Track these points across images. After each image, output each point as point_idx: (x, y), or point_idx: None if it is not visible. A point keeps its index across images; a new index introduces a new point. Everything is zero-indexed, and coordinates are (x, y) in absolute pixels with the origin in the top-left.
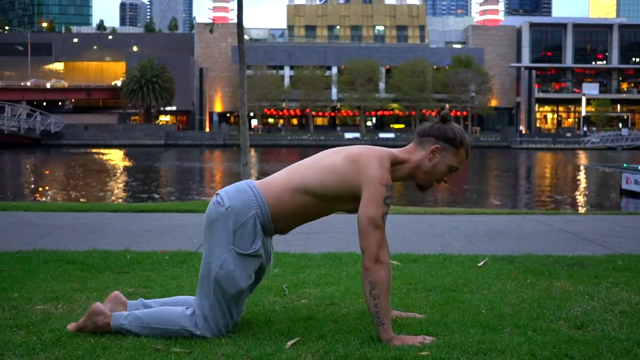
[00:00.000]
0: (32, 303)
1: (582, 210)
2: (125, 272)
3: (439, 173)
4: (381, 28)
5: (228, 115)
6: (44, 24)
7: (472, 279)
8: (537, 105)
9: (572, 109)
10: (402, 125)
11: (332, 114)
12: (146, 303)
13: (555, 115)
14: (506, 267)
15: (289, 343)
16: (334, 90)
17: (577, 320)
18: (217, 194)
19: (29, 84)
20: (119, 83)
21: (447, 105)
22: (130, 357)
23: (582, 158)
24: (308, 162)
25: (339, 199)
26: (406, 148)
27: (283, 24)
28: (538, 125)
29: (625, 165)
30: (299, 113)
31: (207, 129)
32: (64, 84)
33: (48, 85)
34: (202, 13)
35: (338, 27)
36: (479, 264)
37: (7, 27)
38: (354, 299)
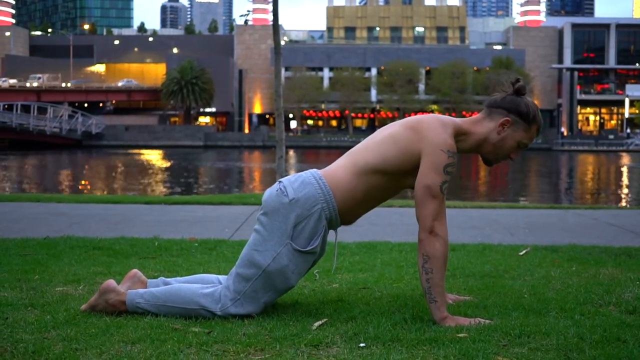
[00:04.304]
0: (52, 285)
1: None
2: (152, 258)
3: (507, 148)
4: (421, 29)
5: (267, 116)
6: (86, 27)
7: (514, 266)
8: (579, 107)
9: (615, 110)
10: None
11: (372, 115)
12: (167, 281)
13: (598, 117)
14: (549, 256)
15: (316, 324)
16: (374, 92)
17: (629, 305)
18: (279, 181)
19: (70, 85)
20: (134, 82)
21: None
22: (145, 336)
23: (626, 160)
24: (366, 141)
25: (402, 172)
26: (472, 118)
27: (322, 26)
28: (580, 127)
29: None
30: (338, 115)
31: (247, 131)
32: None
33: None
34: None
35: (377, 28)
36: (521, 253)
37: (49, 30)
38: (388, 284)
